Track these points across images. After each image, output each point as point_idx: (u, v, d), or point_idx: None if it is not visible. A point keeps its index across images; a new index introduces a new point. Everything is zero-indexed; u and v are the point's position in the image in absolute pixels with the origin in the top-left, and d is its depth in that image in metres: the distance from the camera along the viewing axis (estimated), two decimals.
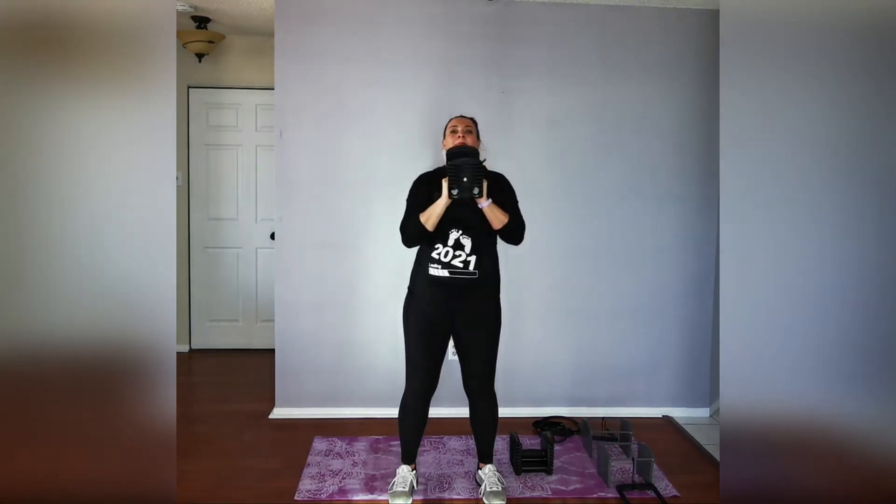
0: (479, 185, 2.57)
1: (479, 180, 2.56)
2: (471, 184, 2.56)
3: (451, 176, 2.56)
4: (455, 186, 2.56)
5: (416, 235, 2.69)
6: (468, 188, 2.56)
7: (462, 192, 2.56)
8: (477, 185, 2.56)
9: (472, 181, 2.56)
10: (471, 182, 2.56)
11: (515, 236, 2.74)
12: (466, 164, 2.56)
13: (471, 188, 2.56)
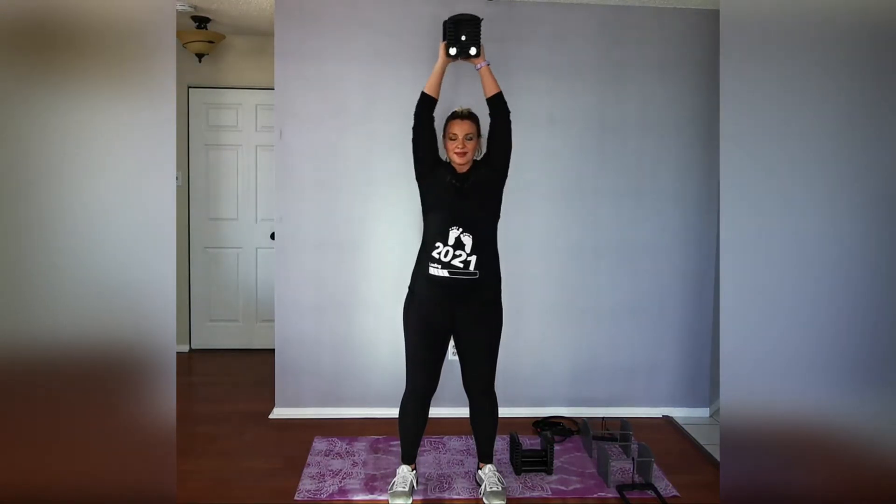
0: (476, 44, 2.55)
1: (476, 39, 2.54)
2: (469, 42, 2.54)
3: (450, 34, 2.54)
4: (453, 45, 2.54)
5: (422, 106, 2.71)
6: (466, 46, 2.54)
7: (460, 50, 2.54)
8: (474, 45, 2.54)
9: (470, 40, 2.54)
10: (469, 40, 2.54)
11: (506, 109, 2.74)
12: (465, 21, 2.54)
13: (468, 46, 2.54)
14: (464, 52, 2.53)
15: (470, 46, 2.53)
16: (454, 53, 2.53)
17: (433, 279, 2.66)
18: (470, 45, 2.53)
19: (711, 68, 3.74)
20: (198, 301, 5.01)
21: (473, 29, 2.52)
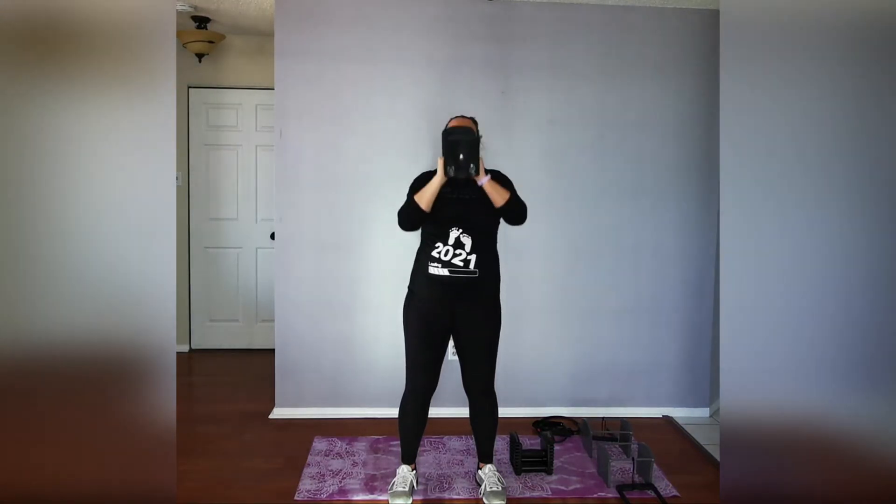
0: (475, 162, 2.51)
1: (475, 157, 2.51)
2: (467, 161, 2.50)
3: (447, 153, 2.51)
4: (451, 164, 2.51)
5: (410, 214, 2.65)
6: (464, 166, 2.51)
7: (459, 170, 2.51)
8: (473, 163, 2.51)
9: (469, 158, 2.50)
10: (467, 159, 2.50)
11: (518, 213, 2.69)
12: (463, 140, 2.50)
13: (467, 166, 2.51)
14: (462, 172, 2.51)
15: (468, 166, 2.50)
16: (452, 174, 2.52)
17: (433, 278, 2.66)
18: (468, 165, 2.50)
19: (711, 68, 3.74)
20: (198, 301, 5.01)
21: (472, 150, 2.50)
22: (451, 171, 2.51)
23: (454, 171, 2.51)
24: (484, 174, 2.57)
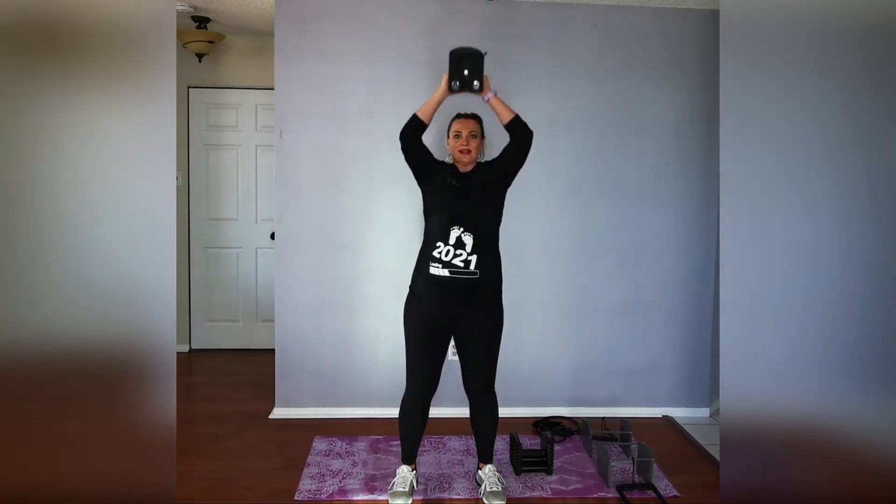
0: (479, 77, 2.47)
1: (479, 72, 2.47)
2: (472, 76, 2.47)
3: (452, 68, 2.47)
4: (455, 78, 2.47)
5: (410, 126, 2.64)
6: (469, 80, 2.47)
7: (463, 84, 2.48)
8: (477, 78, 2.47)
9: (473, 73, 2.47)
10: (472, 74, 2.46)
11: (527, 132, 2.66)
12: (468, 54, 2.47)
13: (470, 81, 2.47)
14: (466, 87, 2.48)
15: (472, 81, 2.47)
16: (456, 87, 2.48)
17: (434, 279, 2.66)
18: (472, 80, 2.47)
19: (711, 68, 3.74)
20: (198, 301, 5.01)
21: (476, 63, 2.46)
22: (456, 85, 2.48)
23: (458, 85, 2.48)
24: (489, 90, 2.53)
